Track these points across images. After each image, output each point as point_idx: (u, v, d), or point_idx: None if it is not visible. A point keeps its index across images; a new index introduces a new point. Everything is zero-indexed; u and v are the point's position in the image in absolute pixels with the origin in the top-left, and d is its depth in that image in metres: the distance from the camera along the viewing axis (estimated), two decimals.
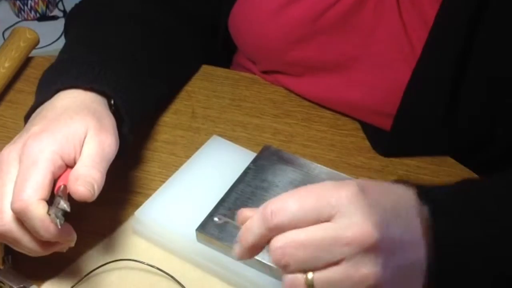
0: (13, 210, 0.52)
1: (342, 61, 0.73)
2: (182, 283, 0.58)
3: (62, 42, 0.82)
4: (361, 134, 0.75)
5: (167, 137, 0.75)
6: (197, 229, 0.59)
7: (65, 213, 0.52)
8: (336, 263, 0.43)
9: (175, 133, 0.75)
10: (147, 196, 0.64)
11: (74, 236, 0.55)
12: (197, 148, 0.70)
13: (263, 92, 0.81)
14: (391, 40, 0.69)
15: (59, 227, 0.51)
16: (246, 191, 0.62)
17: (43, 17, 2.13)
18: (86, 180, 0.53)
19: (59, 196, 0.53)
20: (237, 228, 0.58)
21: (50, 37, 1.87)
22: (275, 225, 0.44)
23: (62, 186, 0.54)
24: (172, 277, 0.58)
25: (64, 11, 2.12)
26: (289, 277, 0.45)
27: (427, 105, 0.68)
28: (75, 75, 0.62)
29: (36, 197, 0.52)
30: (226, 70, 0.86)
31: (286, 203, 0.44)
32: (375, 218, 0.43)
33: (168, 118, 0.78)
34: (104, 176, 0.56)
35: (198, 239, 0.59)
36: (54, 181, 0.54)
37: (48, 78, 0.66)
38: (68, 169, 0.55)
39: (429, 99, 0.68)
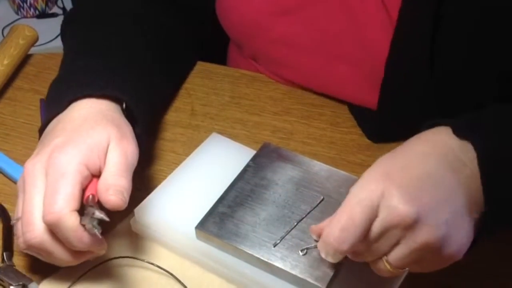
0: (45, 222, 0.53)
1: (326, 38, 0.74)
2: (181, 280, 0.58)
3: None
4: (361, 131, 0.75)
5: (167, 135, 0.75)
6: (196, 227, 0.59)
7: (100, 222, 0.53)
8: (397, 243, 0.49)
9: (175, 131, 0.75)
10: (147, 193, 0.64)
11: (105, 245, 0.56)
12: (196, 146, 0.70)
13: (263, 89, 0.81)
14: (371, 15, 0.70)
15: (99, 236, 0.53)
16: (245, 188, 0.62)
17: (42, 15, 2.13)
18: (116, 189, 0.54)
19: (91, 206, 0.53)
20: (237, 226, 0.59)
21: (49, 35, 1.87)
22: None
23: (91, 196, 0.54)
24: (171, 274, 0.58)
25: (63, 9, 2.12)
26: (373, 264, 0.52)
27: (410, 72, 0.68)
28: (86, 84, 0.63)
29: (68, 208, 0.52)
30: (226, 67, 0.86)
31: (344, 231, 0.49)
32: (407, 196, 0.48)
33: (167, 115, 0.77)
34: (131, 184, 0.57)
35: (198, 237, 0.59)
36: (82, 192, 0.55)
37: (57, 90, 0.66)
38: (94, 179, 0.56)
39: (410, 66, 0.68)
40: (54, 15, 2.14)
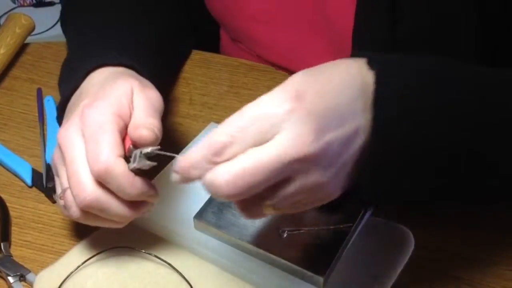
0: (95, 175, 0.51)
1: (300, 13, 0.74)
2: (180, 270, 0.58)
3: (58, 28, 0.81)
4: None
5: (165, 125, 0.74)
6: (195, 217, 0.59)
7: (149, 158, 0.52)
8: (287, 180, 0.44)
9: (173, 120, 0.75)
10: None
11: (157, 190, 0.55)
12: (194, 136, 0.70)
13: (261, 79, 0.80)
14: None
15: (155, 163, 0.51)
16: None
17: (39, 3, 2.12)
18: (146, 126, 0.53)
19: (132, 154, 0.52)
20: (236, 216, 0.58)
21: (46, 24, 1.86)
22: (225, 158, 0.44)
23: (131, 146, 0.53)
24: (169, 264, 0.58)
25: None
26: (241, 206, 0.46)
27: (374, 44, 0.67)
28: (100, 55, 0.62)
29: (114, 155, 0.51)
30: (224, 56, 0.85)
31: (230, 136, 0.44)
32: (315, 126, 0.43)
33: (165, 105, 0.77)
34: (161, 125, 0.55)
35: (196, 227, 0.59)
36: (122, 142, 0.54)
37: (70, 67, 0.65)
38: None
39: (374, 38, 0.67)
40: (51, 3, 2.12)
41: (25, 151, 0.71)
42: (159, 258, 0.58)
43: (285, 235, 0.57)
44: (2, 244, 0.60)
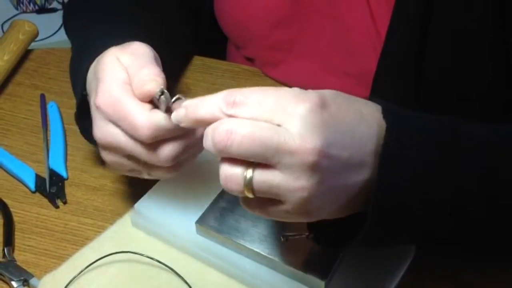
0: (148, 139, 0.52)
1: (318, 46, 0.74)
2: (182, 275, 0.58)
3: (61, 34, 0.81)
4: None
5: None
6: (196, 222, 0.59)
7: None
8: (275, 166, 0.44)
9: None
10: (147, 188, 0.64)
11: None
12: None
13: (263, 84, 0.81)
14: (360, 27, 0.70)
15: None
16: None
17: (42, 10, 2.13)
18: (144, 80, 0.53)
19: (160, 100, 0.53)
20: (238, 221, 0.59)
21: (49, 30, 1.87)
22: (232, 114, 0.45)
23: (157, 95, 0.53)
24: (171, 269, 0.58)
25: (63, 3, 2.12)
26: (228, 170, 0.45)
27: (396, 88, 0.68)
28: (109, 43, 0.61)
29: (146, 113, 0.52)
30: (226, 62, 0.86)
31: (247, 99, 0.44)
32: (324, 136, 0.43)
33: None
34: (156, 66, 0.55)
35: (198, 232, 0.60)
36: None
37: (80, 55, 0.64)
38: None
39: (397, 81, 0.68)
40: (53, 10, 2.13)
41: (29, 156, 0.71)
42: (162, 263, 0.58)
43: (287, 240, 0.57)
44: (5, 249, 0.60)
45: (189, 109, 0.47)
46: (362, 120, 0.46)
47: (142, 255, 0.59)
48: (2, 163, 0.70)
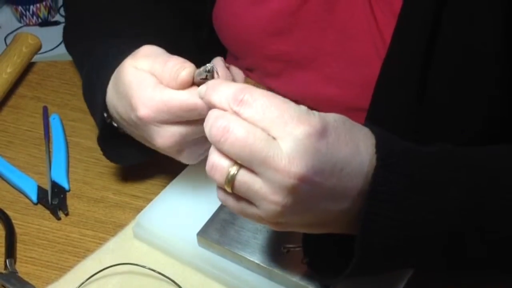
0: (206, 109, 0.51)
1: (319, 56, 0.74)
2: (183, 287, 0.58)
3: (63, 47, 0.82)
4: None
5: None
6: (198, 234, 0.59)
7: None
8: (258, 175, 0.45)
9: None
10: (148, 200, 0.64)
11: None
12: None
13: None
14: (364, 35, 0.70)
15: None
16: None
17: (45, 23, 2.14)
18: (175, 71, 0.55)
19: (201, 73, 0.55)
20: (239, 232, 0.59)
21: (52, 43, 1.88)
22: (237, 111, 0.46)
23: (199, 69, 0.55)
24: (173, 281, 0.58)
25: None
26: (215, 159, 0.46)
27: (397, 99, 0.68)
28: (116, 59, 0.61)
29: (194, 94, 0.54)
30: None
31: (255, 101, 0.45)
32: (312, 164, 0.44)
33: None
34: (174, 57, 0.57)
35: (199, 243, 0.60)
36: None
37: (92, 80, 0.65)
38: None
39: (399, 92, 0.68)
40: (56, 23, 2.15)
41: (31, 168, 0.72)
42: (163, 275, 0.58)
43: (288, 252, 0.57)
44: (7, 260, 0.60)
45: (208, 90, 0.48)
46: (357, 156, 0.46)
47: (143, 267, 0.59)
48: (5, 174, 0.70)
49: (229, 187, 0.46)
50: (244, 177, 0.45)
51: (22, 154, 0.74)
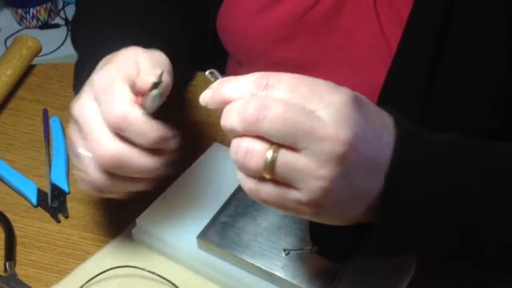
0: (113, 126, 0.51)
1: (323, 62, 0.74)
2: None
3: (64, 50, 0.82)
4: None
5: None
6: (198, 236, 0.59)
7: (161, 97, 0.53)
8: (301, 151, 0.43)
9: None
10: (148, 203, 0.64)
11: (176, 134, 0.55)
12: (198, 155, 0.70)
13: None
14: (369, 41, 0.70)
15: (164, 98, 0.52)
16: (247, 198, 0.62)
17: (45, 25, 2.14)
18: (152, 76, 0.54)
19: (148, 96, 0.53)
20: (239, 235, 0.59)
21: (52, 45, 1.88)
22: (265, 95, 0.44)
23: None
24: (173, 284, 0.58)
25: (65, 19, 2.13)
26: (250, 144, 0.44)
27: (403, 105, 0.68)
28: (117, 44, 0.60)
29: (128, 102, 0.52)
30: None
31: (281, 83, 0.44)
32: (356, 131, 0.43)
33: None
34: (169, 78, 0.55)
35: (199, 246, 0.60)
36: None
37: (85, 60, 0.64)
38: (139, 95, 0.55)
39: (404, 99, 0.68)
40: (56, 25, 2.14)
41: (31, 171, 0.72)
42: (163, 278, 0.58)
43: (288, 254, 0.57)
44: (7, 263, 0.60)
45: (216, 91, 0.46)
46: (386, 129, 0.46)
47: (143, 269, 0.59)
48: (4, 177, 0.70)
49: (269, 171, 0.43)
50: (286, 157, 0.43)
51: (22, 157, 0.74)
